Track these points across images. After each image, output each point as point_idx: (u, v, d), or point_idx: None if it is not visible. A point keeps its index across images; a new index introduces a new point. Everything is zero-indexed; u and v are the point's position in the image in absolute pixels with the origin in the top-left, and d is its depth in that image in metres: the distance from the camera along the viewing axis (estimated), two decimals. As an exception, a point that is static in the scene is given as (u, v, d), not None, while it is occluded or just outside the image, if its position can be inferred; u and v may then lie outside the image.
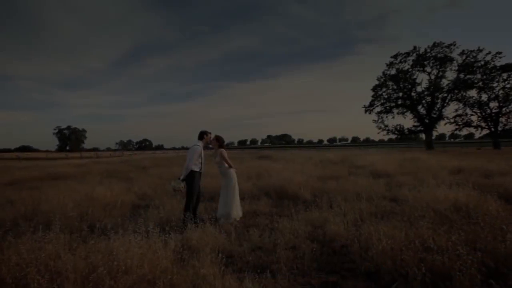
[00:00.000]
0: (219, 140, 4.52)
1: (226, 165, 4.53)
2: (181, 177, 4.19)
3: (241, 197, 5.94)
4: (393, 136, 37.08)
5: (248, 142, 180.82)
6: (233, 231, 3.95)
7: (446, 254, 2.51)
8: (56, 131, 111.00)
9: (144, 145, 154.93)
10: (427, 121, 31.40)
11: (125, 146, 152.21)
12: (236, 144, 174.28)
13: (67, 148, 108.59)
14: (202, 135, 4.41)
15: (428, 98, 31.23)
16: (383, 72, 34.36)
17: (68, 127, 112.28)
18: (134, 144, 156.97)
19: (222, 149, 4.48)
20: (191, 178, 4.14)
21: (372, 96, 35.54)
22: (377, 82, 35.01)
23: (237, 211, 4.57)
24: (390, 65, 33.52)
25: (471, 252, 2.48)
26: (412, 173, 8.30)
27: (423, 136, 36.26)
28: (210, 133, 4.52)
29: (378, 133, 36.37)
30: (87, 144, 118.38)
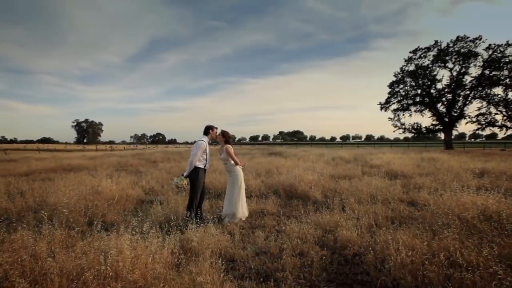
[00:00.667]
0: (225, 135, 4.29)
1: (232, 162, 4.30)
2: (185, 174, 4.00)
3: (249, 195, 5.75)
4: (410, 135, 35.73)
5: (260, 138, 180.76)
6: (237, 232, 3.74)
7: (477, 272, 2.18)
8: (75, 124, 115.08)
9: (158, 139, 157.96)
10: (446, 119, 29.91)
11: (139, 139, 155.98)
12: (248, 140, 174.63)
13: (85, 140, 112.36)
14: (207, 130, 4.20)
15: (449, 96, 29.68)
16: (401, 68, 32.95)
17: (86, 120, 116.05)
18: (148, 138, 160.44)
19: (228, 145, 4.25)
20: (195, 174, 3.94)
21: (389, 93, 34.23)
22: (394, 79, 33.67)
23: (243, 211, 4.35)
24: (409, 60, 32.06)
25: (508, 271, 2.13)
26: (431, 174, 7.79)
27: (441, 135, 34.69)
28: (216, 128, 4.29)
29: (394, 131, 35.16)
30: (103, 137, 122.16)
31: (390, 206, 4.58)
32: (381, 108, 34.78)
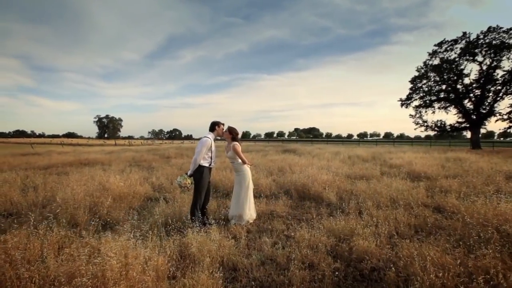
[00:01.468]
0: (232, 132, 4.01)
1: (240, 160, 4.03)
2: (189, 173, 3.78)
3: (258, 195, 5.47)
4: (432, 133, 33.86)
5: (275, 135, 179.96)
6: (243, 236, 3.48)
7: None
8: (96, 119, 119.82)
9: (174, 134, 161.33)
10: (474, 117, 27.95)
11: (156, 135, 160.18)
12: (262, 136, 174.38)
13: (106, 135, 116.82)
14: (213, 126, 3.95)
15: (477, 91, 27.66)
16: (424, 62, 31.12)
17: (106, 116, 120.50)
18: (165, 133, 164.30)
19: (235, 143, 3.98)
20: (199, 173, 3.71)
21: (410, 89, 32.51)
22: (416, 73, 31.93)
23: (250, 213, 4.08)
24: (433, 54, 30.19)
25: None
26: (458, 176, 7.13)
27: (466, 133, 32.58)
28: (222, 124, 4.03)
29: (415, 129, 33.36)
30: (123, 132, 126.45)
31: (413, 212, 4.14)
32: (402, 105, 33.17)
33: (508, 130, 28.32)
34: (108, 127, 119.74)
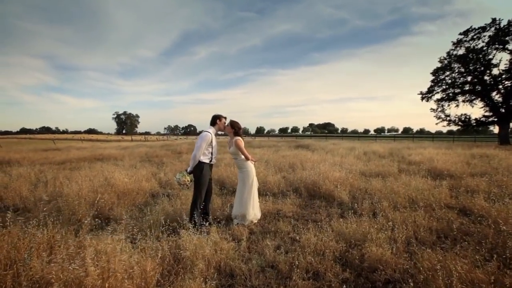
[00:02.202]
0: (234, 126, 3.76)
1: (243, 156, 3.78)
2: (188, 169, 3.58)
3: (266, 193, 5.21)
4: (455, 128, 32.02)
5: (289, 130, 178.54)
6: (245, 238, 3.24)
7: None
8: (115, 116, 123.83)
9: (189, 130, 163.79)
10: (503, 110, 26.06)
11: (172, 131, 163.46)
12: (277, 132, 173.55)
13: (124, 131, 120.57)
14: (214, 120, 3.71)
15: (507, 83, 25.63)
16: (448, 53, 29.25)
17: (124, 113, 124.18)
18: (180, 129, 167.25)
19: (238, 138, 3.72)
20: (199, 170, 3.50)
21: (432, 81, 30.76)
22: (439, 65, 30.12)
23: (254, 213, 3.83)
24: (458, 43, 28.28)
25: None
26: (486, 174, 6.51)
27: (494, 128, 30.54)
28: (224, 117, 3.78)
29: (437, 123, 31.70)
30: (140, 128, 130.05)
31: (435, 215, 3.73)
32: (422, 98, 31.53)
33: (542, 125, 26.24)
34: (126, 123, 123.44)
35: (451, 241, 2.91)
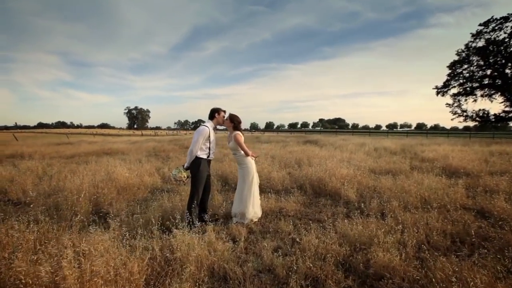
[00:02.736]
0: (233, 120, 3.56)
1: (242, 152, 3.59)
2: (185, 165, 3.43)
3: (268, 190, 5.03)
4: (472, 124, 30.71)
5: (299, 126, 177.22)
6: (243, 238, 3.08)
7: None
8: (126, 111, 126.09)
9: (199, 125, 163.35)
10: (525, 105, 24.78)
11: (182, 125, 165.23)
12: (286, 127, 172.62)
13: (135, 126, 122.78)
14: (212, 114, 3.53)
15: (530, 76, 24.36)
16: (466, 45, 27.88)
17: (135, 108, 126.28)
18: (190, 124, 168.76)
19: (237, 132, 3.53)
20: (196, 166, 3.34)
21: (448, 75, 29.51)
22: (456, 58, 28.81)
23: (254, 211, 3.65)
24: (478, 35, 26.88)
25: None
26: (506, 173, 6.08)
27: (514, 124, 29.07)
28: (223, 111, 3.60)
29: (452, 119, 30.36)
30: (151, 123, 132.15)
31: (450, 217, 3.44)
32: (438, 93, 30.36)
33: None
34: (137, 118, 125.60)
35: (468, 248, 2.64)
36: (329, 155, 9.36)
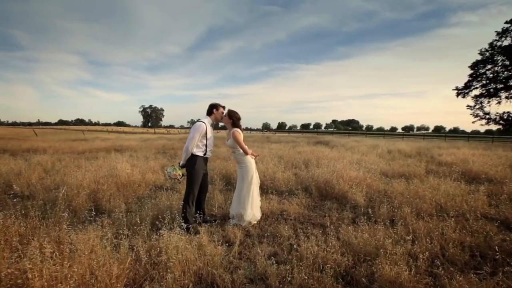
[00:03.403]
0: (232, 116, 3.37)
1: (241, 150, 3.40)
2: (181, 162, 3.28)
3: (271, 191, 4.80)
4: (495, 127, 29.13)
5: (311, 126, 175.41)
6: (238, 241, 2.88)
7: None
8: (141, 109, 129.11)
9: (212, 124, 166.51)
10: (554, 108, 23.18)
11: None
12: (298, 128, 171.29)
13: (149, 124, 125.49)
14: (211, 109, 3.36)
15: (561, 77, 22.77)
16: (491, 44, 26.46)
17: (150, 106, 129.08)
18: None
19: (236, 129, 3.34)
20: (192, 164, 3.18)
21: (470, 76, 28.14)
22: (479, 57, 27.40)
23: (253, 213, 3.45)
24: (503, 33, 25.44)
25: None
26: (534, 180, 5.55)
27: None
28: (222, 106, 3.42)
29: (474, 122, 28.80)
30: (164, 122, 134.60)
31: (469, 227, 3.10)
32: (458, 94, 29.03)
33: None
34: (151, 117, 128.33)
35: (490, 264, 2.32)
36: (339, 156, 9.01)
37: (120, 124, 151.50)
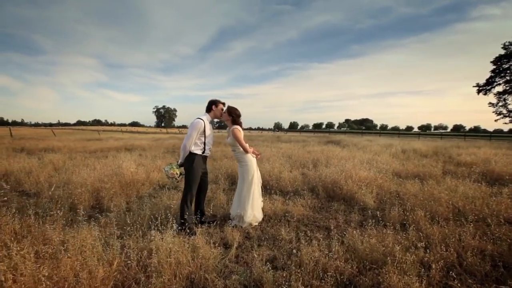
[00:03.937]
0: (232, 113, 3.23)
1: (242, 148, 3.26)
2: (179, 161, 3.18)
3: (276, 192, 4.64)
4: (520, 126, 27.53)
5: (323, 126, 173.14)
6: (236, 244, 2.74)
7: None
8: (155, 110, 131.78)
9: (223, 124, 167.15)
10: None
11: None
12: (311, 127, 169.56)
13: (163, 124, 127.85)
14: (210, 106, 3.24)
15: None
16: (515, 37, 25.04)
17: (163, 107, 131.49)
18: (215, 123, 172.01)
19: (236, 126, 3.20)
20: (190, 162, 3.06)
21: (492, 71, 26.73)
22: (502, 52, 25.96)
23: (253, 214, 3.29)
24: (529, 26, 23.99)
25: None
26: None
27: None
28: (222, 103, 3.29)
29: (496, 120, 27.37)
30: (177, 122, 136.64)
31: (491, 233, 2.81)
32: (479, 91, 27.65)
33: None
34: (165, 117, 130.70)
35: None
36: (349, 155, 8.69)
37: (134, 124, 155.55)
